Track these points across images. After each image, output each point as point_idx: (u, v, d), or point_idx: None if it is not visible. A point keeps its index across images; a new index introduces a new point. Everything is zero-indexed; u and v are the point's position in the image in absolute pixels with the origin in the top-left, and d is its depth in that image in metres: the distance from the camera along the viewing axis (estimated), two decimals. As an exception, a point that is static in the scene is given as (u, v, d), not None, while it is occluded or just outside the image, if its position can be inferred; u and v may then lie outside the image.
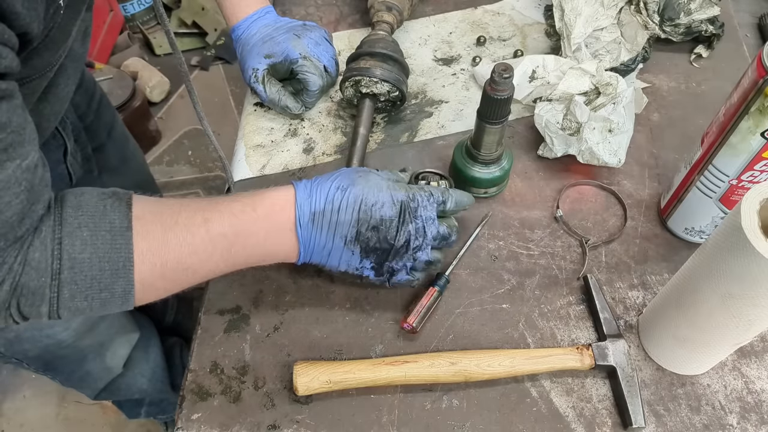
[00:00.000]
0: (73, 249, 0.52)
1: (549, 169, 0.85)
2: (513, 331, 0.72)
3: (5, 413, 1.67)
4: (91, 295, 0.54)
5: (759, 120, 0.60)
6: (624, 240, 0.79)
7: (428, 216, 0.64)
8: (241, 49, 0.89)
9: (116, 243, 0.54)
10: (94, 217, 0.54)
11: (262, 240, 0.62)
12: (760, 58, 0.58)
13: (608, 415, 0.66)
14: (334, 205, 0.62)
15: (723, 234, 0.54)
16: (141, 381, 1.26)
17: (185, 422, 0.66)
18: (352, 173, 0.65)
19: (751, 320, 0.56)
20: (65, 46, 0.59)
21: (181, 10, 2.36)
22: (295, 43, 0.85)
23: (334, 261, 0.65)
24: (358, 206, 0.62)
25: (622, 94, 0.81)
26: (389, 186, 0.64)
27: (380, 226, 0.62)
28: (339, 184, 0.63)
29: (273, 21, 0.89)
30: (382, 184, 0.64)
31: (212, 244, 0.59)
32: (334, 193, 0.62)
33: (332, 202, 0.62)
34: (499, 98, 0.69)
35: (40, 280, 0.51)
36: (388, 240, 0.63)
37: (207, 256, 0.60)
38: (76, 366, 1.12)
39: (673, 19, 0.94)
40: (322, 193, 0.62)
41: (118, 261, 0.54)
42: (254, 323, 0.73)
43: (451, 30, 1.02)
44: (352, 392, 0.67)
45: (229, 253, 0.61)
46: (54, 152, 0.86)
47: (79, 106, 0.96)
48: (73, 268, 0.52)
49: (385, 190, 0.63)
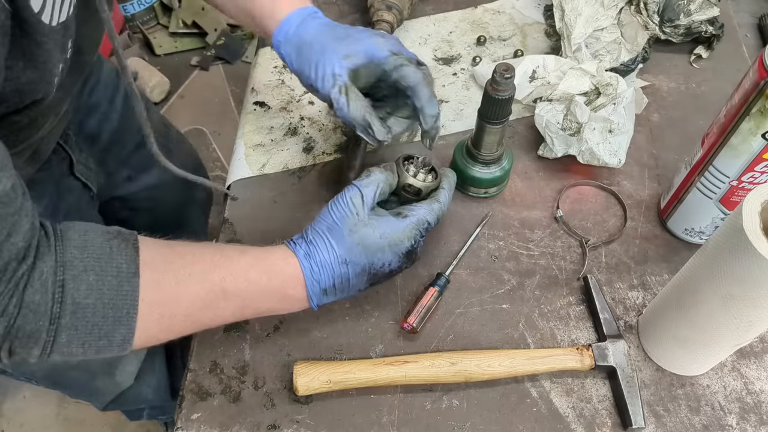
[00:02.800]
0: (78, 294, 0.50)
1: (549, 170, 0.85)
2: (513, 332, 0.72)
3: (5, 413, 1.67)
4: (88, 342, 0.52)
5: (760, 121, 0.60)
6: (624, 240, 0.79)
7: (424, 237, 0.66)
8: (299, 51, 0.70)
9: (122, 289, 0.52)
10: (101, 260, 0.52)
11: (276, 306, 0.63)
12: (761, 60, 0.58)
13: (608, 416, 0.66)
14: (343, 280, 0.62)
15: (724, 235, 0.54)
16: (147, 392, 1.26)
17: (185, 422, 0.66)
18: (345, 236, 0.61)
19: (752, 321, 0.56)
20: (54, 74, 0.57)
21: (181, 10, 2.35)
22: (379, 42, 0.68)
23: (343, 296, 0.66)
24: (366, 274, 0.63)
25: (623, 94, 0.81)
26: (390, 244, 0.62)
27: (390, 275, 0.65)
28: (341, 258, 0.61)
29: (332, 22, 0.73)
30: (382, 244, 0.62)
31: (225, 303, 0.59)
32: (339, 268, 0.62)
33: (341, 278, 0.62)
34: (501, 98, 0.69)
35: (38, 323, 0.49)
36: (393, 273, 0.66)
37: (218, 313, 0.60)
38: (84, 384, 1.11)
39: (672, 20, 0.94)
40: (327, 269, 0.61)
41: (123, 308, 0.52)
42: (254, 323, 0.72)
43: (451, 29, 1.02)
44: (352, 392, 0.67)
45: (240, 312, 0.61)
46: (58, 167, 0.84)
47: (99, 106, 0.93)
48: (76, 314, 0.50)
49: (388, 251, 0.63)
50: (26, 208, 0.49)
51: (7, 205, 0.46)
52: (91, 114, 0.91)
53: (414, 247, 0.64)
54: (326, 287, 0.62)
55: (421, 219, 0.65)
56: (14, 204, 0.47)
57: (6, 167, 0.47)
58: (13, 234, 0.47)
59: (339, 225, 0.62)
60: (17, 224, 0.47)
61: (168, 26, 2.40)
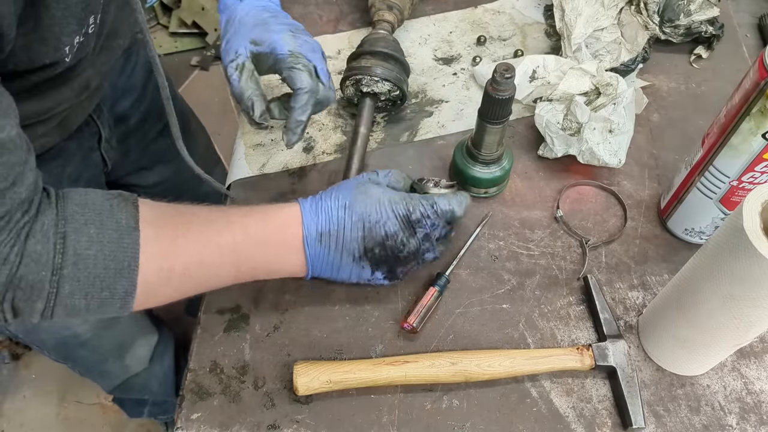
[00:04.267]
0: (79, 245, 0.51)
1: (549, 169, 0.85)
2: (513, 331, 0.72)
3: (5, 413, 1.67)
4: (91, 293, 0.53)
5: (760, 121, 0.60)
6: (624, 240, 0.79)
7: (433, 222, 0.65)
8: (227, 28, 0.77)
9: (123, 242, 0.53)
10: (101, 215, 0.54)
11: (271, 256, 0.63)
12: (761, 60, 0.58)
13: (608, 416, 0.66)
14: (339, 225, 0.63)
15: (724, 235, 0.54)
16: (153, 383, 1.27)
17: (185, 422, 0.66)
18: (353, 188, 0.65)
19: (752, 321, 0.56)
20: (64, 42, 0.58)
21: (181, 10, 2.35)
22: (287, 39, 0.73)
23: (344, 275, 0.66)
24: (362, 224, 0.63)
25: (623, 94, 0.81)
26: (390, 200, 0.64)
27: (386, 241, 0.64)
28: (342, 203, 0.64)
29: (273, 9, 0.78)
30: (383, 198, 0.64)
31: (222, 256, 0.60)
32: (337, 212, 0.63)
33: (337, 222, 0.63)
34: (501, 98, 0.69)
35: (40, 273, 0.50)
36: (396, 252, 0.65)
37: (215, 268, 0.60)
38: (94, 364, 1.13)
39: (672, 20, 0.94)
40: (326, 212, 0.63)
41: (123, 260, 0.53)
42: (254, 323, 0.73)
43: (451, 29, 1.02)
44: (352, 392, 0.67)
45: (236, 267, 0.62)
46: (88, 139, 0.86)
47: (132, 89, 0.95)
48: (77, 264, 0.51)
49: (386, 205, 0.64)
50: (31, 162, 0.51)
51: (12, 153, 0.48)
52: (124, 96, 0.93)
53: (411, 215, 0.64)
54: (322, 230, 0.63)
55: (428, 197, 0.66)
56: (20, 152, 0.49)
57: (10, 116, 0.48)
58: (18, 183, 0.48)
59: (350, 183, 0.66)
60: (22, 175, 0.49)
61: (168, 26, 2.40)
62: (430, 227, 0.65)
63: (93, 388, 1.41)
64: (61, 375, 1.68)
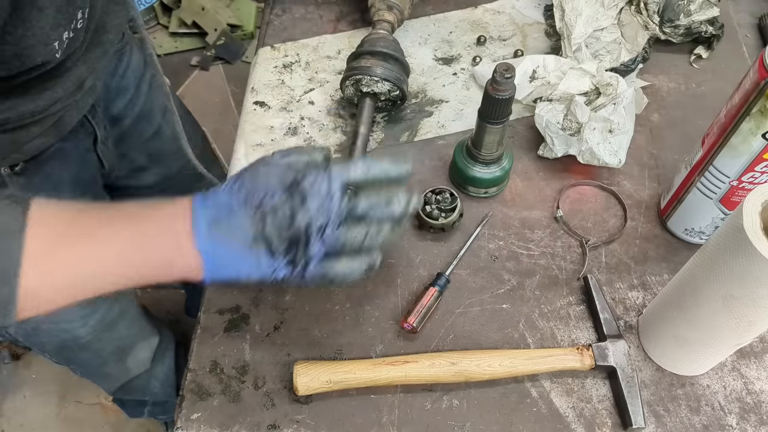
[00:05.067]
0: None
1: (549, 169, 0.85)
2: (513, 331, 0.72)
3: (5, 413, 1.67)
4: None
5: (760, 121, 0.60)
6: (624, 240, 0.79)
7: (325, 191, 0.57)
8: None
9: (5, 246, 0.50)
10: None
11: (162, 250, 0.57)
12: (761, 60, 0.58)
13: (608, 416, 0.66)
14: (228, 209, 0.57)
15: (724, 235, 0.54)
16: (154, 384, 1.27)
17: (185, 422, 0.66)
18: (246, 169, 0.59)
19: (752, 321, 0.56)
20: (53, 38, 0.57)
21: (181, 10, 2.35)
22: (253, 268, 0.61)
23: (244, 270, 0.57)
24: (249, 204, 0.56)
25: (623, 94, 0.81)
26: (279, 173, 0.58)
27: (276, 214, 0.56)
28: (230, 186, 0.58)
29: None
30: (270, 172, 0.58)
31: (110, 252, 0.55)
32: (226, 197, 0.57)
33: (226, 207, 0.57)
34: (501, 98, 0.69)
35: None
36: (287, 227, 0.56)
37: (102, 266, 0.55)
38: (95, 367, 1.13)
39: (672, 20, 0.94)
40: (216, 197, 0.58)
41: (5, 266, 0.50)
42: (254, 323, 0.73)
43: (451, 29, 1.02)
44: (352, 392, 0.67)
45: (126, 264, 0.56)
46: (84, 141, 0.86)
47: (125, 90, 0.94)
48: None
49: (273, 178, 0.57)
50: None
51: None
52: (119, 96, 0.93)
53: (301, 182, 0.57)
54: (211, 221, 0.56)
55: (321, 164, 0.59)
56: None
57: None
58: None
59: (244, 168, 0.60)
60: None
61: (168, 26, 2.40)
62: (324, 197, 0.56)
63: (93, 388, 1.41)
64: (61, 375, 1.68)
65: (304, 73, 0.97)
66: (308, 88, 0.95)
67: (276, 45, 1.00)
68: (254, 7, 2.45)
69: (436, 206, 0.77)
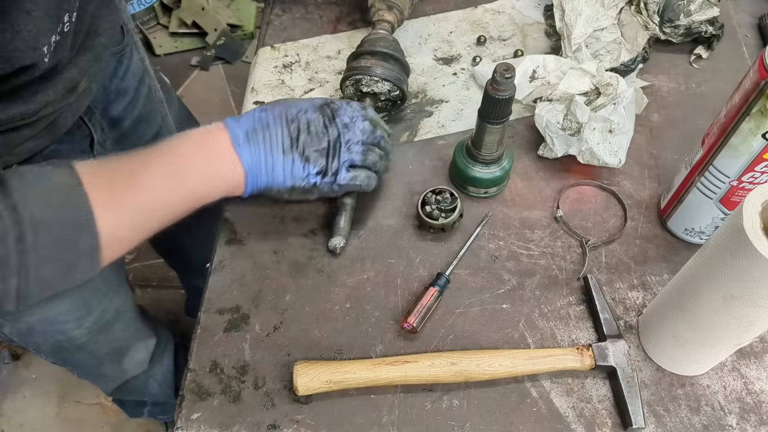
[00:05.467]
0: (31, 211, 0.51)
1: (549, 169, 0.85)
2: (513, 331, 0.72)
3: (5, 413, 1.67)
4: (58, 257, 0.53)
5: (760, 121, 0.60)
6: (624, 240, 0.79)
7: (351, 115, 0.70)
8: None
9: (72, 199, 0.53)
10: (41, 180, 0.54)
11: (205, 163, 0.64)
12: (761, 60, 0.58)
13: (608, 416, 0.66)
14: (263, 122, 0.66)
15: (724, 235, 0.54)
16: (153, 385, 1.27)
17: (185, 422, 0.66)
18: (270, 102, 0.70)
19: (752, 321, 0.56)
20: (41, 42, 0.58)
21: (181, 10, 2.35)
22: None
23: (279, 176, 0.67)
24: (283, 118, 0.66)
25: (623, 94, 0.81)
26: (307, 100, 0.70)
27: (309, 127, 0.67)
28: (262, 108, 0.68)
29: None
30: (298, 99, 0.70)
31: (160, 178, 0.61)
32: (259, 114, 0.67)
33: (260, 120, 0.66)
34: (501, 98, 0.69)
35: (5, 247, 0.50)
36: (320, 138, 0.67)
37: (157, 192, 0.61)
38: (92, 368, 1.13)
39: (672, 21, 0.94)
40: (248, 116, 0.67)
41: (79, 216, 0.53)
42: (254, 323, 0.73)
43: (451, 29, 1.02)
44: (352, 392, 0.67)
45: (177, 184, 0.63)
46: (80, 143, 0.86)
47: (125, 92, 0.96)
48: (36, 231, 0.51)
49: (303, 101, 0.69)
50: None
51: None
52: (118, 99, 0.94)
53: (329, 103, 0.70)
54: (247, 129, 0.65)
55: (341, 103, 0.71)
56: None
57: None
58: None
59: None
60: None
61: (168, 26, 2.40)
62: (349, 119, 0.69)
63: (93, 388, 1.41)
64: (60, 375, 1.68)
65: (304, 73, 0.97)
66: (308, 88, 0.95)
67: (276, 45, 1.00)
68: (254, 7, 2.45)
69: (436, 206, 0.77)
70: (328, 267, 0.77)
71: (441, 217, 0.77)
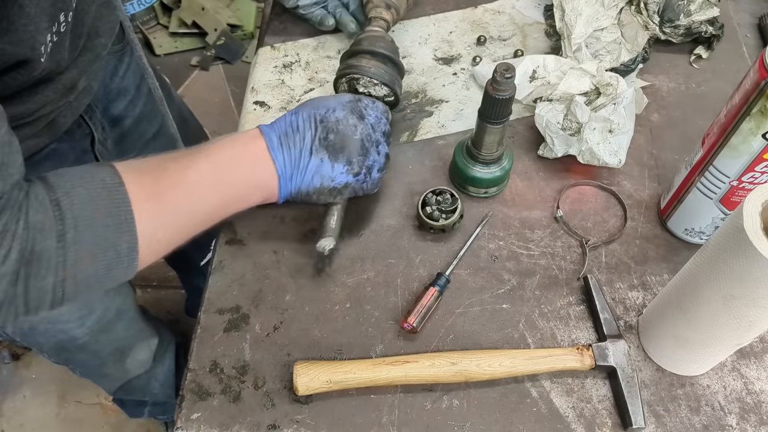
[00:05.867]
0: (74, 208, 0.51)
1: (549, 169, 0.85)
2: (513, 331, 0.72)
3: (5, 413, 1.67)
4: (97, 256, 0.53)
5: (760, 121, 0.60)
6: (624, 240, 0.79)
7: (377, 115, 0.72)
8: None
9: (114, 198, 0.54)
10: (84, 178, 0.54)
11: (245, 170, 0.66)
12: (761, 60, 0.58)
13: (608, 416, 0.66)
14: (293, 126, 0.68)
15: (724, 235, 0.54)
16: (154, 385, 1.27)
17: (185, 422, 0.66)
18: (300, 104, 0.71)
19: (752, 321, 0.56)
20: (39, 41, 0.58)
21: (181, 10, 2.35)
22: None
23: (307, 178, 0.68)
24: (313, 119, 0.68)
25: (623, 94, 0.81)
26: (334, 97, 0.71)
27: (338, 126, 0.68)
28: (292, 111, 0.70)
29: None
30: (327, 97, 0.71)
31: (202, 182, 0.62)
32: (290, 117, 0.69)
33: (291, 124, 0.68)
34: (501, 98, 0.69)
35: (46, 242, 0.50)
36: (349, 135, 0.69)
37: (200, 196, 0.62)
38: (95, 368, 1.13)
39: (672, 21, 0.94)
40: (280, 121, 0.69)
41: (120, 215, 0.54)
42: (254, 323, 0.73)
43: (451, 29, 1.02)
44: (352, 392, 0.67)
45: (218, 189, 0.64)
46: (80, 141, 0.86)
47: (126, 91, 0.96)
48: (77, 227, 0.51)
49: (331, 99, 0.71)
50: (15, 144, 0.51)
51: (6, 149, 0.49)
52: (118, 98, 0.94)
53: (358, 102, 0.71)
54: (280, 134, 0.67)
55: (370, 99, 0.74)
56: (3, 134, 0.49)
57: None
58: (8, 164, 0.49)
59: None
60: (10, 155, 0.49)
61: (168, 26, 2.40)
62: (375, 118, 0.72)
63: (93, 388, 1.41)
64: (61, 375, 1.68)
65: (304, 73, 0.97)
66: (308, 88, 0.95)
67: (276, 45, 1.00)
68: (254, 7, 2.45)
69: (437, 207, 0.77)
70: (328, 267, 0.77)
71: (441, 218, 0.77)
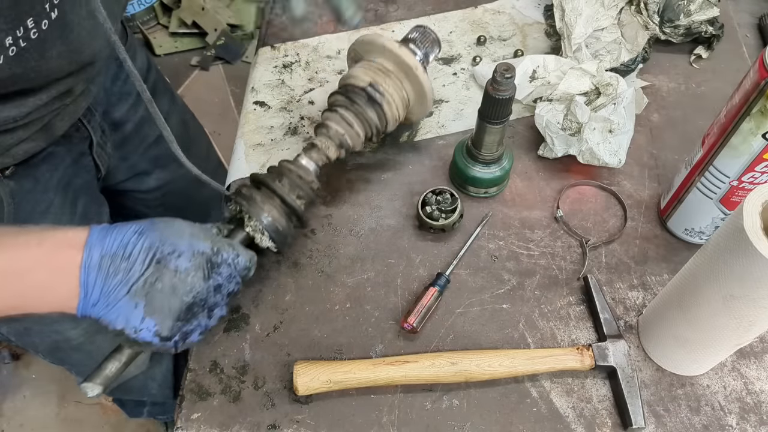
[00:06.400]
0: None
1: (549, 169, 0.85)
2: (513, 331, 0.72)
3: (5, 413, 1.67)
4: None
5: (760, 121, 0.60)
6: (624, 240, 0.79)
7: (230, 274, 0.59)
8: None
9: None
10: None
11: (41, 279, 0.54)
12: (761, 60, 0.58)
13: (608, 416, 0.66)
14: (126, 250, 0.54)
15: (724, 235, 0.54)
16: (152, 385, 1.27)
17: (185, 422, 0.66)
18: (158, 220, 0.58)
19: (752, 321, 0.56)
20: None
21: (181, 10, 2.35)
22: None
23: (112, 314, 0.55)
24: (152, 254, 0.55)
25: (623, 94, 0.81)
26: (192, 234, 0.57)
27: (173, 278, 0.55)
28: (139, 228, 0.56)
29: None
30: (184, 231, 0.57)
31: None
32: (130, 237, 0.55)
33: (125, 247, 0.54)
34: (501, 98, 0.69)
35: None
36: (179, 295, 0.55)
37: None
38: (89, 367, 1.12)
39: (672, 21, 0.94)
40: (118, 236, 0.55)
41: None
42: (254, 323, 0.72)
43: (451, 29, 1.02)
44: (352, 392, 0.67)
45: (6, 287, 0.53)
46: (78, 145, 0.86)
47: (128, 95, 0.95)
48: None
49: (186, 238, 0.57)
50: None
51: None
52: (120, 102, 0.93)
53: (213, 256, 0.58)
54: (104, 253, 0.54)
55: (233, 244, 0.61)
56: None
57: None
58: None
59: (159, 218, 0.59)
60: None
61: (168, 26, 2.40)
62: (226, 278, 0.59)
63: (93, 388, 1.41)
64: (60, 375, 1.68)
65: (304, 73, 0.97)
66: (308, 87, 0.95)
67: (276, 45, 1.00)
68: (254, 7, 2.45)
69: (437, 207, 0.77)
70: (328, 267, 0.77)
71: (441, 217, 0.77)
